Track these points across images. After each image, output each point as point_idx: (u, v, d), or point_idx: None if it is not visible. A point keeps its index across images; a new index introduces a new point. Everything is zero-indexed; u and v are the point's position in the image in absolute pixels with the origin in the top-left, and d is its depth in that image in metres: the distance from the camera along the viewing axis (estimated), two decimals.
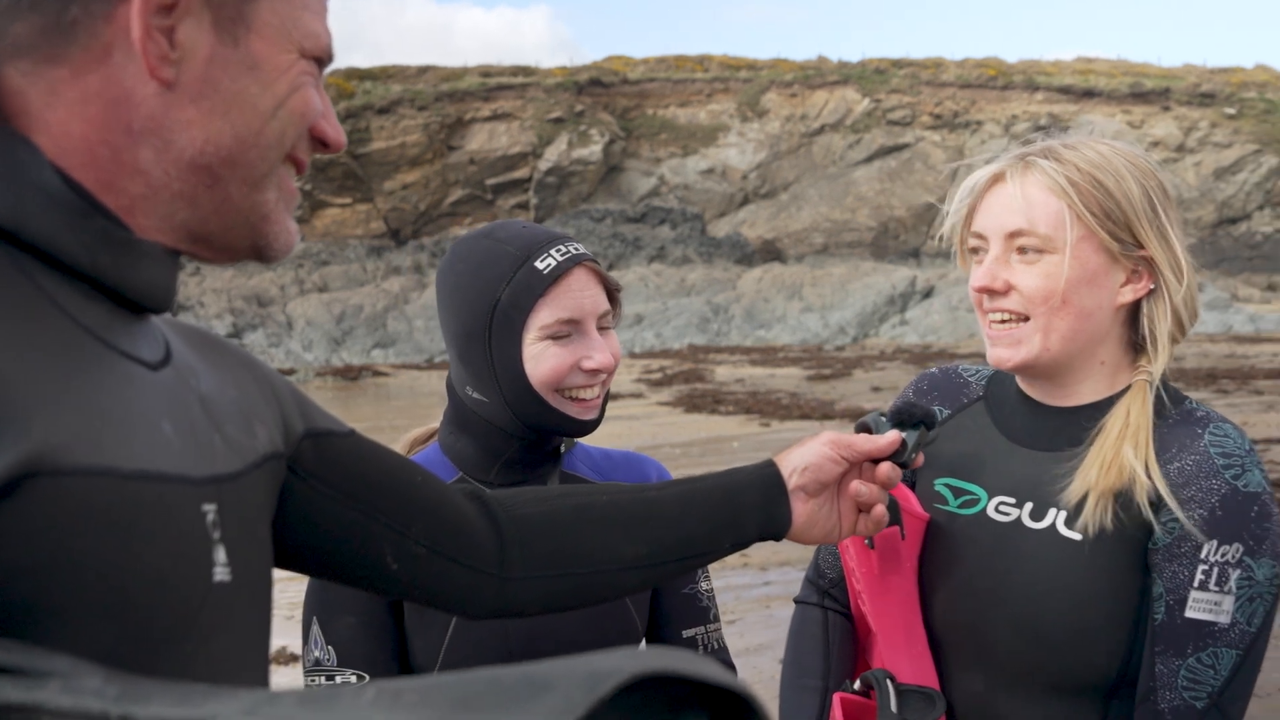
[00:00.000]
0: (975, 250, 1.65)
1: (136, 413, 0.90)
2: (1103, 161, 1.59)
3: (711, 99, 52.13)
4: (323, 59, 1.04)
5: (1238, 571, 1.49)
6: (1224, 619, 1.49)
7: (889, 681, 1.62)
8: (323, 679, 1.67)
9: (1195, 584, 1.49)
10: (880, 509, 1.44)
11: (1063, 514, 1.58)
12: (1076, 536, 1.56)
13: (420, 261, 42.04)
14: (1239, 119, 50.34)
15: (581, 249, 1.71)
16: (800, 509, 1.40)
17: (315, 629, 1.69)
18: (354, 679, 1.65)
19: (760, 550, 8.23)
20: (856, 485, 1.44)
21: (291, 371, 32.12)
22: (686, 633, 1.80)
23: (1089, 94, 50.99)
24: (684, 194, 48.50)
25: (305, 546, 1.19)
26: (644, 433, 14.82)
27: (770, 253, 43.18)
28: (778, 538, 1.41)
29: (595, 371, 1.67)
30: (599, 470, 1.85)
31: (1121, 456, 1.54)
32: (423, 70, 52.23)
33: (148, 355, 0.96)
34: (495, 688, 0.67)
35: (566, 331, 1.66)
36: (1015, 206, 1.59)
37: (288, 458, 1.15)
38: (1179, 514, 1.50)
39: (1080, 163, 1.59)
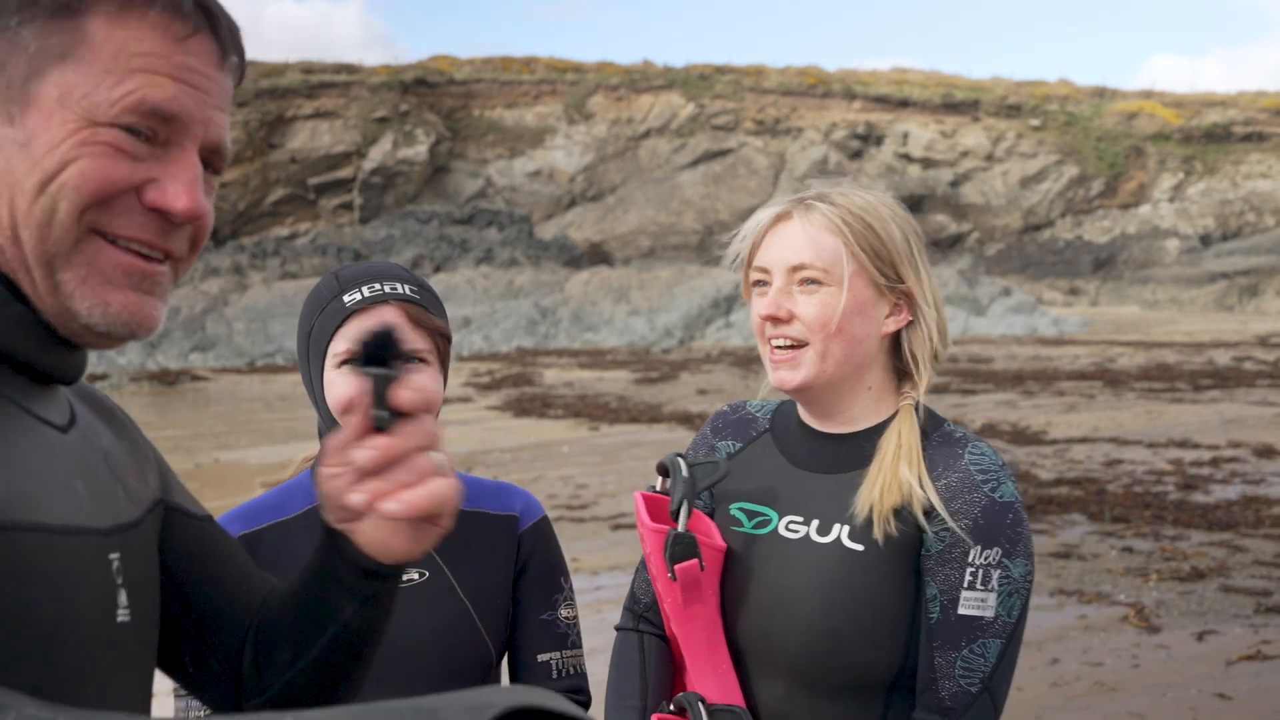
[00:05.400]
0: (758, 283, 1.83)
1: (53, 472, 0.99)
2: (869, 207, 1.80)
3: (539, 101, 52.18)
4: (149, 121, 1.00)
5: (999, 571, 1.71)
6: (989, 613, 1.70)
7: (700, 705, 1.77)
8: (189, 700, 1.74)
9: (965, 585, 1.70)
10: (420, 494, 1.06)
11: (846, 528, 1.77)
12: (859, 548, 1.75)
13: (240, 262, 40.89)
14: (1043, 130, 52.88)
15: (401, 290, 1.78)
16: (367, 535, 1.13)
17: None
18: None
19: (591, 555, 8.31)
20: (351, 497, 1.09)
21: (104, 376, 30.91)
22: (541, 656, 1.88)
23: (904, 104, 52.83)
24: (511, 196, 48.44)
25: None
26: (473, 438, 14.75)
27: (598, 255, 43.44)
28: (379, 571, 1.15)
29: None
30: (464, 498, 1.88)
31: (899, 475, 1.74)
32: None
33: (57, 419, 1.04)
34: (393, 717, 0.77)
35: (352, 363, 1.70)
36: (798, 243, 1.78)
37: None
38: (950, 523, 1.71)
39: (852, 207, 1.79)
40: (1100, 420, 15.06)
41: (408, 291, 1.79)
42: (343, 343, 1.77)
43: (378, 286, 1.78)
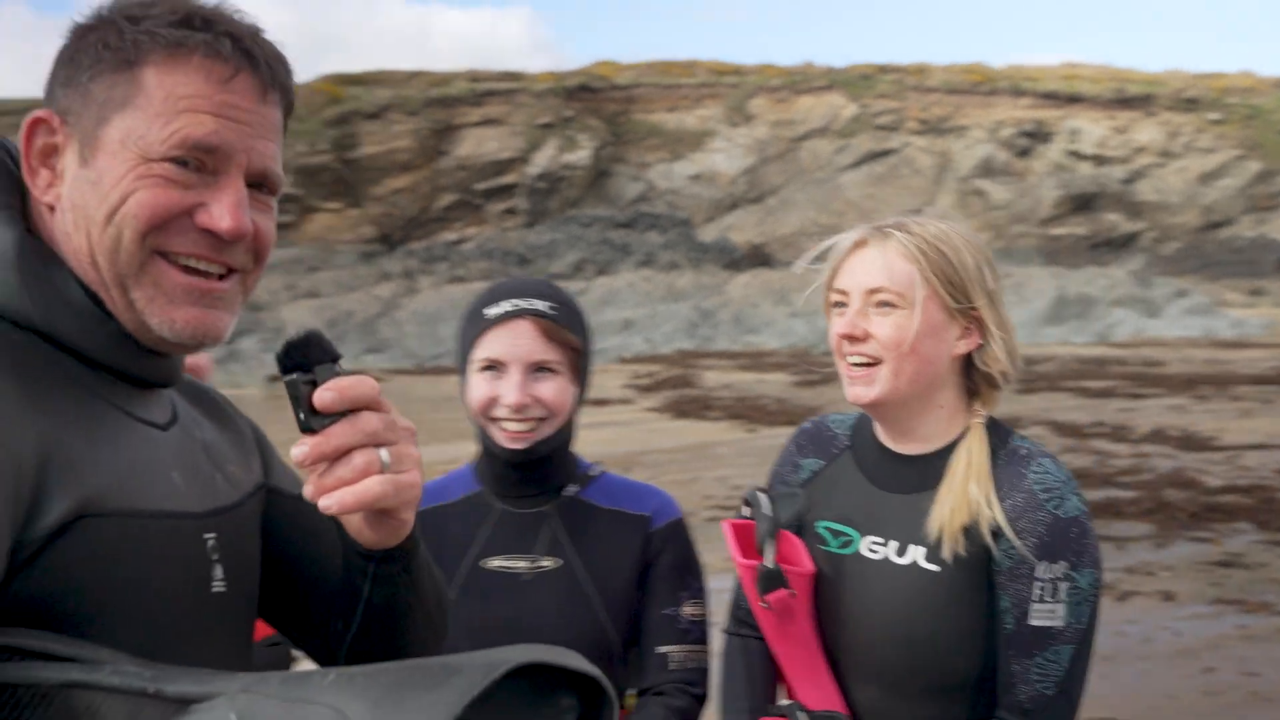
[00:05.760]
0: (837, 304, 1.98)
1: (151, 466, 1.16)
2: (944, 236, 1.94)
3: (699, 104, 52.37)
4: (194, 154, 1.13)
5: (1066, 584, 1.83)
6: (1059, 622, 1.83)
7: (800, 713, 1.94)
8: None
9: (1035, 598, 1.83)
10: (352, 492, 1.11)
11: (922, 550, 1.91)
12: (935, 568, 1.90)
13: (411, 267, 42.10)
14: (1223, 124, 50.76)
15: (537, 306, 2.00)
16: (347, 524, 1.23)
17: None
18: None
19: None
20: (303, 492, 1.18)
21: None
22: (660, 649, 2.05)
23: (1074, 99, 51.36)
24: (672, 199, 48.73)
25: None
26: (632, 439, 15.03)
27: (758, 257, 43.43)
28: (372, 555, 1.25)
29: (517, 406, 1.97)
30: (609, 496, 2.10)
31: (968, 494, 1.87)
32: (411, 75, 52.34)
33: (158, 418, 1.21)
34: (421, 672, 0.90)
35: (494, 369, 1.99)
36: (875, 268, 1.93)
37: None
38: (1015, 543, 1.83)
39: (927, 235, 1.93)
40: (1277, 426, 14.52)
41: (544, 308, 2.00)
42: (483, 350, 2.00)
43: (518, 302, 2.00)
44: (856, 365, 1.93)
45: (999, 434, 1.96)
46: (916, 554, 1.91)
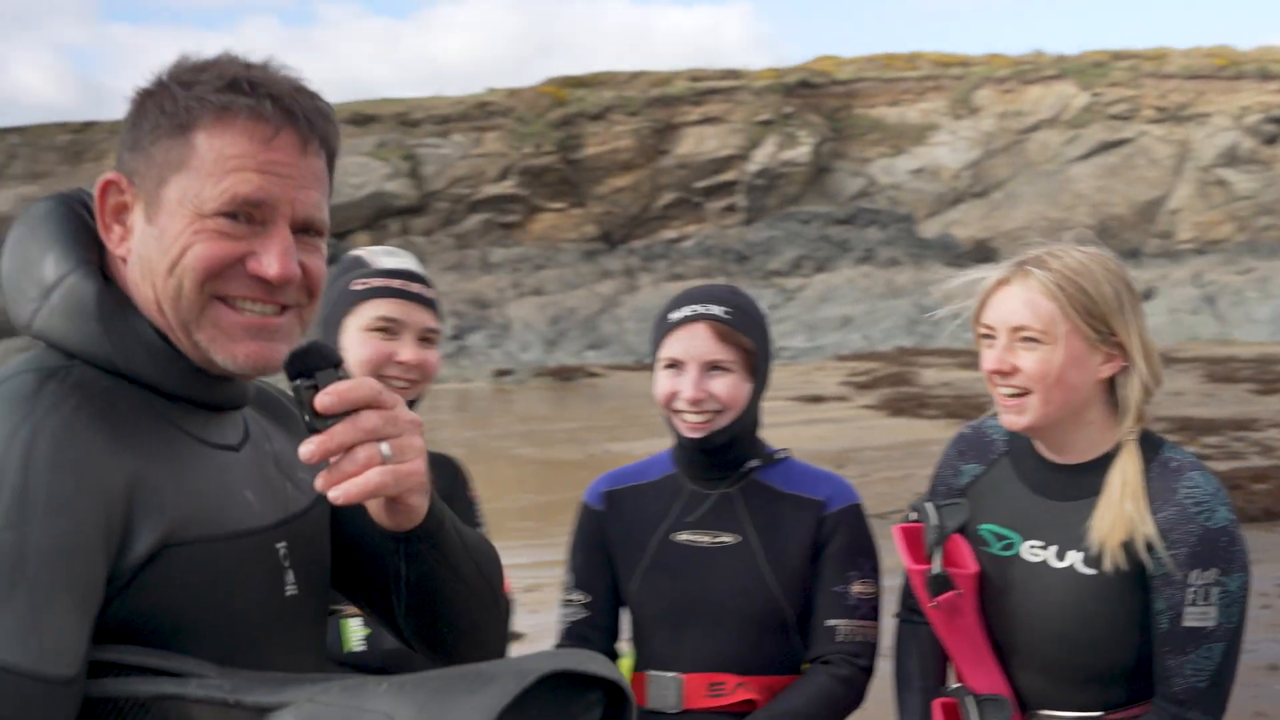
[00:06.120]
0: (986, 336, 2.12)
1: (226, 489, 1.31)
2: (1083, 270, 2.06)
3: (922, 97, 51.43)
4: (242, 208, 1.26)
5: (1217, 589, 1.96)
6: (1211, 623, 1.96)
7: (970, 698, 2.10)
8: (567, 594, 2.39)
9: (1188, 602, 1.96)
10: (355, 483, 1.24)
11: (1079, 555, 2.06)
12: (1091, 572, 2.04)
13: (631, 265, 42.88)
14: None
15: (713, 311, 2.24)
16: (369, 509, 1.37)
17: (567, 563, 2.41)
18: (579, 595, 2.35)
19: None
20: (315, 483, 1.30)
21: (509, 372, 33.30)
22: (828, 622, 2.24)
23: None
24: (894, 194, 48.05)
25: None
26: (846, 436, 15.04)
27: (982, 253, 42.36)
28: (396, 536, 1.38)
29: (693, 400, 2.22)
30: (789, 481, 2.31)
31: (1125, 512, 2.01)
32: (633, 76, 53.19)
33: (232, 440, 1.37)
34: (462, 679, 1.06)
35: (675, 367, 2.26)
36: (1018, 306, 2.07)
37: None
38: (1165, 556, 1.97)
39: (1066, 271, 2.05)
40: None
41: (719, 312, 2.24)
42: (666, 350, 2.26)
43: (696, 308, 2.25)
44: (1008, 396, 2.08)
45: (1151, 445, 2.07)
46: (1074, 558, 2.05)
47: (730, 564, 2.24)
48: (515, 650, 2.00)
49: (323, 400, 1.23)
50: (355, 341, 2.26)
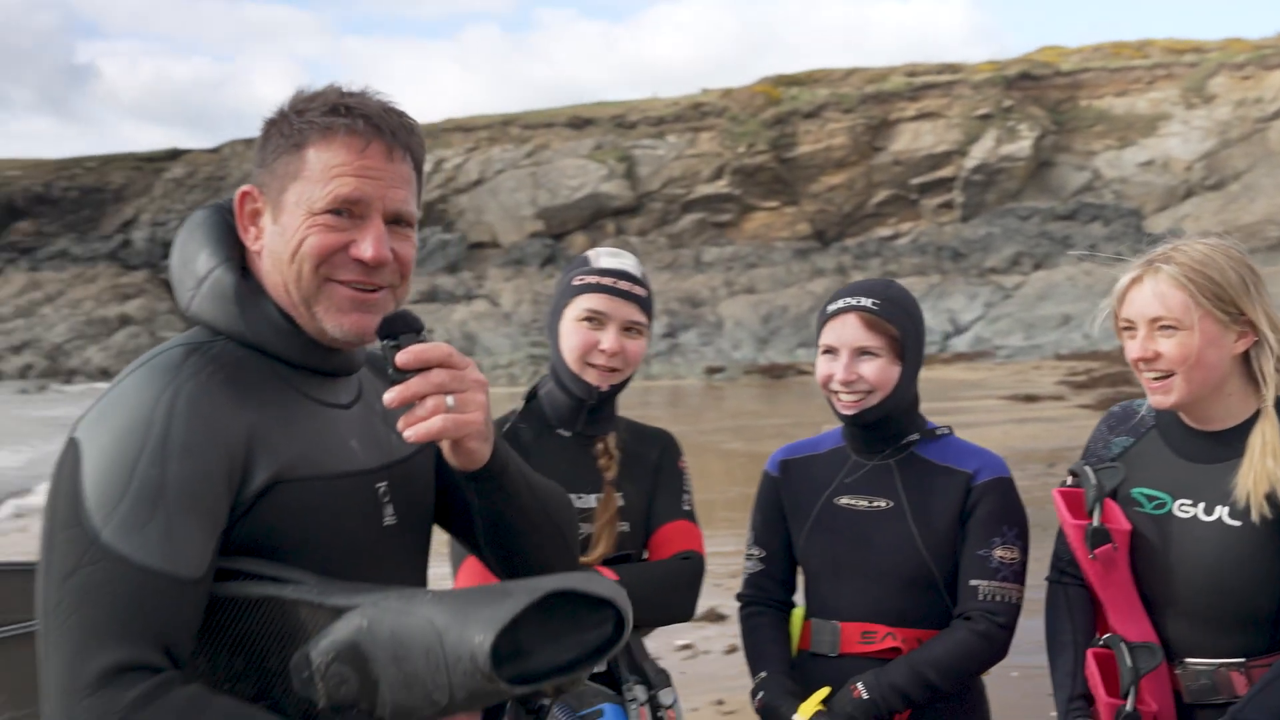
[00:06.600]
0: (1127, 329, 2.37)
1: (333, 439, 1.62)
2: (1208, 259, 2.30)
3: (1152, 86, 49.40)
4: (343, 205, 1.55)
5: None
6: None
7: (1123, 645, 2.33)
8: (748, 549, 2.74)
9: None
10: (421, 427, 1.52)
11: (1225, 509, 2.29)
12: (1237, 524, 2.27)
13: (844, 263, 42.70)
14: None
15: (862, 302, 2.56)
16: (450, 459, 1.63)
17: (750, 522, 2.76)
18: (757, 551, 2.71)
19: None
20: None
21: (721, 369, 33.76)
22: (971, 582, 2.51)
23: None
24: (1120, 188, 46.35)
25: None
26: (1059, 435, 14.85)
27: None
28: (466, 474, 1.64)
29: (845, 382, 2.54)
30: (943, 455, 2.61)
31: (1268, 468, 2.25)
32: (848, 73, 52.87)
33: (343, 400, 1.67)
34: (488, 594, 1.37)
35: (831, 353, 2.58)
36: (1151, 299, 2.32)
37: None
38: None
39: (1192, 263, 2.30)
40: None
41: (868, 304, 2.55)
42: (823, 338, 2.59)
43: (848, 300, 2.57)
44: (1154, 379, 2.32)
45: None
46: (1221, 513, 2.29)
47: (883, 526, 2.52)
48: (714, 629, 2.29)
49: (402, 358, 1.52)
50: (569, 330, 2.55)
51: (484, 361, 37.40)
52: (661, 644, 6.49)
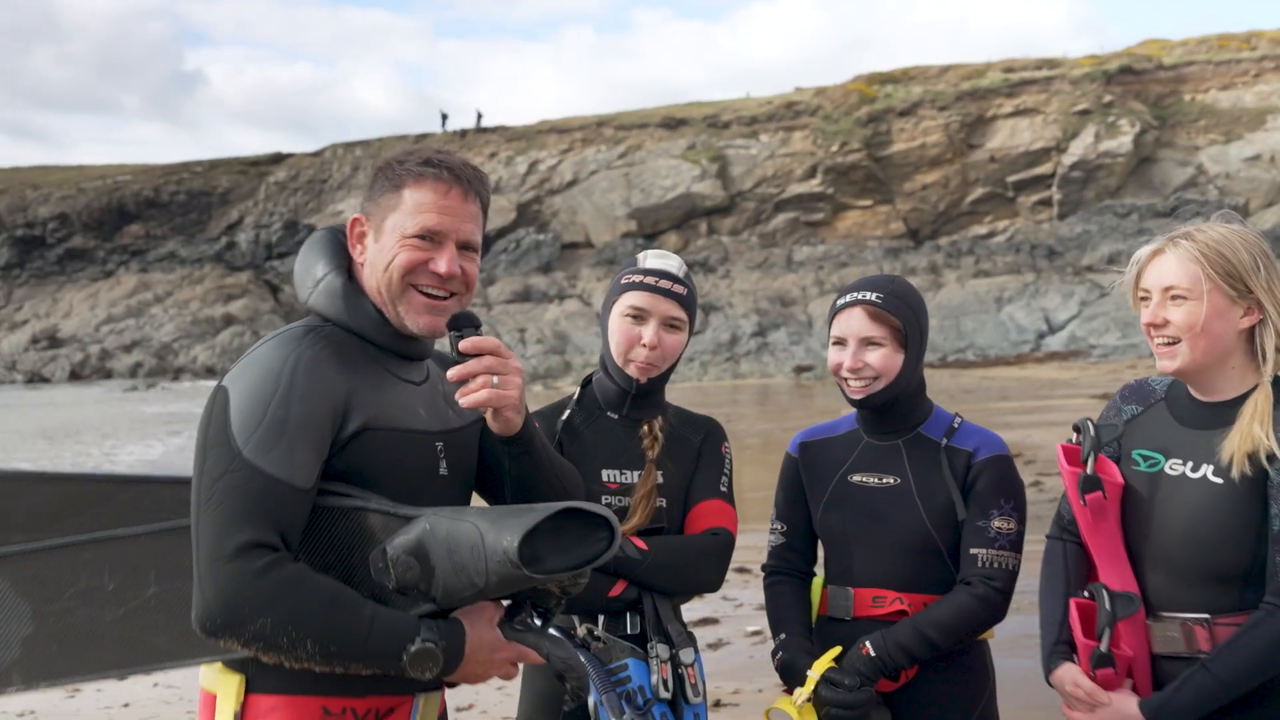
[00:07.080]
0: (1144, 298, 2.54)
1: (407, 405, 2.12)
2: (1223, 240, 2.48)
3: (1259, 79, 48.15)
4: (428, 233, 2.06)
5: None
6: None
7: (1104, 591, 2.49)
8: (772, 524, 2.97)
9: None
10: (472, 398, 2.06)
11: (1211, 467, 2.46)
12: (1220, 481, 2.43)
13: (936, 261, 42.33)
14: None
15: (867, 296, 2.78)
16: (491, 425, 2.16)
17: (774, 499, 2.99)
18: (779, 525, 2.95)
19: None
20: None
21: (810, 368, 33.70)
22: (971, 550, 2.71)
23: None
24: (1225, 184, 45.27)
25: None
26: None
27: None
28: (503, 440, 2.17)
29: (851, 369, 2.76)
30: (949, 436, 2.83)
31: (1253, 431, 2.41)
32: (944, 70, 52.36)
33: (416, 378, 2.19)
34: (516, 511, 1.94)
35: (840, 344, 2.80)
36: (1168, 270, 2.49)
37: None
38: None
39: (1209, 241, 2.48)
40: None
41: (872, 297, 2.76)
42: (833, 330, 2.82)
43: (854, 294, 2.79)
44: (1162, 344, 2.49)
45: None
46: (1206, 470, 2.46)
47: (891, 500, 2.75)
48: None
49: (464, 345, 2.05)
50: (615, 324, 2.77)
51: (575, 360, 37.83)
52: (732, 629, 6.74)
